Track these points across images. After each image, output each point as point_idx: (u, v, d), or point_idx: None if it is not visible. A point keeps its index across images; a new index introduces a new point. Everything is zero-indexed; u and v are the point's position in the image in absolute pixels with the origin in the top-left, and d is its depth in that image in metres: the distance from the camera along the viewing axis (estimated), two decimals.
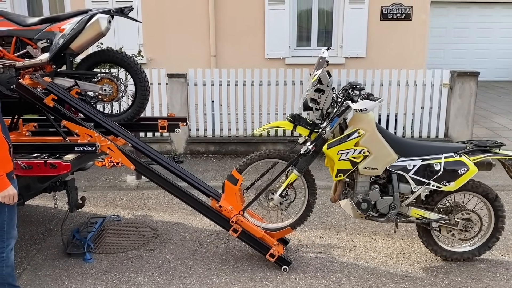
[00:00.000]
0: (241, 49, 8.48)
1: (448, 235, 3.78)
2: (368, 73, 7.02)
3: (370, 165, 3.53)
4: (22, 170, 3.31)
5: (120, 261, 3.88)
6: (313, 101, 3.56)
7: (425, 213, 3.68)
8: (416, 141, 3.97)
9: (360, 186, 3.63)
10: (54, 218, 4.81)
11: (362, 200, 3.59)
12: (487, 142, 3.73)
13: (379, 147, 3.53)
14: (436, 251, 3.81)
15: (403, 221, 3.72)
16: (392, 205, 3.61)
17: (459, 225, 3.71)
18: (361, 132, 3.48)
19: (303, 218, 3.87)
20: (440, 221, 3.71)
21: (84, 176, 5.83)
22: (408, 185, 3.60)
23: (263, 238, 3.71)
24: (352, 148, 3.48)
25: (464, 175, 3.54)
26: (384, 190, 3.66)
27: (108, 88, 3.94)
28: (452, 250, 3.82)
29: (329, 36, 8.78)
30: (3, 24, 3.83)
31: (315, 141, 3.56)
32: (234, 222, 3.64)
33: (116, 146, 3.61)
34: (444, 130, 7.17)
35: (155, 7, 8.42)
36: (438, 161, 3.57)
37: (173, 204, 5.17)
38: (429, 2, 8.56)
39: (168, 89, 7.06)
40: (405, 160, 3.58)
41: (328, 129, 3.53)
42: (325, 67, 3.54)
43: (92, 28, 3.76)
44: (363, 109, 3.37)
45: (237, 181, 3.72)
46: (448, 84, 7.00)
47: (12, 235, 2.92)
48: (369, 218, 3.69)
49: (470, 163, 3.55)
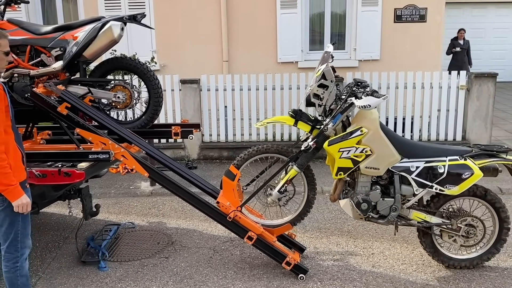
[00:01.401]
0: (254, 54, 8.45)
1: (449, 241, 3.67)
2: (383, 76, 6.92)
3: (372, 164, 3.43)
4: (37, 179, 3.30)
5: (134, 269, 3.84)
6: (316, 97, 3.48)
7: (427, 216, 3.57)
8: (420, 143, 3.87)
9: (361, 186, 3.53)
10: (69, 226, 4.81)
11: (362, 201, 3.50)
12: (494, 146, 3.62)
13: (382, 147, 3.44)
14: (434, 255, 3.70)
15: (404, 224, 3.62)
16: (393, 207, 3.51)
17: (461, 231, 3.60)
18: (364, 131, 3.39)
19: (303, 214, 3.77)
20: (442, 226, 3.60)
21: (98, 183, 5.84)
22: (410, 187, 3.49)
23: (262, 234, 3.63)
24: (354, 146, 3.39)
25: (469, 179, 3.42)
26: (386, 191, 3.56)
27: (122, 95, 3.93)
28: (452, 256, 3.71)
29: (342, 39, 8.69)
30: (18, 33, 3.85)
31: (316, 137, 3.47)
32: (232, 218, 3.57)
33: (129, 154, 3.59)
34: (461, 133, 7.03)
35: (168, 14, 8.44)
36: (442, 164, 3.46)
37: (187, 211, 5.14)
38: (444, 3, 8.44)
39: (181, 95, 7.06)
40: (408, 161, 3.48)
41: (330, 125, 3.43)
42: (330, 62, 3.46)
43: (105, 35, 3.76)
44: (366, 105, 3.27)
45: (235, 176, 3.64)
46: (465, 86, 6.86)
47: (26, 244, 2.90)
48: (369, 220, 3.59)
49: (475, 167, 3.44)
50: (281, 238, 4.00)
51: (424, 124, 7.05)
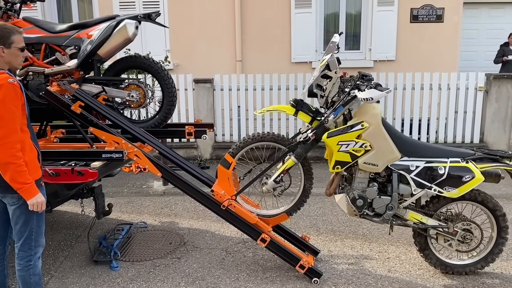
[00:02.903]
0: (267, 54, 8.40)
1: (445, 244, 3.57)
2: (399, 77, 6.82)
3: (370, 160, 3.34)
4: (50, 177, 3.28)
5: (146, 269, 3.82)
6: (319, 87, 3.40)
7: (423, 218, 3.47)
8: (422, 142, 3.78)
9: (358, 181, 3.44)
10: (82, 224, 4.80)
11: (358, 197, 3.41)
12: (498, 151, 3.50)
13: (382, 143, 3.34)
14: (428, 257, 3.61)
15: (399, 224, 3.53)
16: (389, 206, 3.42)
17: (458, 235, 3.50)
18: (365, 125, 3.30)
19: (299, 204, 3.68)
20: (438, 228, 3.50)
21: (111, 182, 5.84)
22: (408, 186, 3.39)
23: (257, 224, 3.56)
24: (353, 140, 3.31)
25: (469, 183, 3.32)
26: (383, 189, 3.48)
27: (136, 94, 3.91)
28: (446, 260, 3.62)
29: (357, 39, 8.60)
30: (33, 31, 3.85)
31: (316, 129, 3.39)
32: (225, 206, 3.52)
33: (143, 153, 3.56)
34: (479, 135, 6.89)
35: (182, 13, 8.43)
36: (443, 165, 3.36)
37: (199, 211, 5.10)
38: (461, 3, 8.31)
39: (195, 94, 7.04)
40: (408, 160, 3.39)
41: (331, 117, 3.34)
42: (335, 53, 3.36)
43: (120, 34, 3.74)
44: (369, 98, 3.17)
45: (230, 165, 3.58)
46: (483, 88, 6.72)
47: (40, 243, 2.88)
48: (364, 217, 3.50)
49: (477, 171, 3.33)
50: (295, 241, 3.94)
51: (441, 126, 6.93)
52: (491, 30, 13.77)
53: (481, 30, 13.76)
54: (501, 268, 3.75)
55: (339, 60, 3.36)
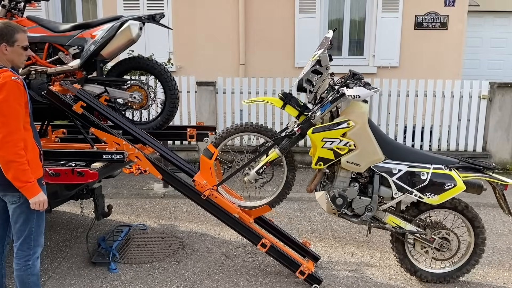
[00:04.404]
0: (271, 58, 8.38)
1: (421, 251, 3.55)
2: (402, 83, 6.80)
3: (353, 160, 3.32)
4: (50, 178, 3.26)
5: (145, 272, 3.78)
6: (308, 82, 3.37)
7: (402, 222, 3.45)
8: (407, 146, 3.77)
9: (339, 180, 3.42)
10: (81, 225, 4.77)
11: (338, 195, 3.38)
12: (482, 162, 3.48)
13: (367, 143, 3.32)
14: (403, 262, 3.59)
15: (377, 227, 3.51)
16: (369, 207, 3.39)
17: (435, 243, 3.48)
18: (351, 124, 3.28)
19: (282, 196, 3.65)
20: (415, 234, 3.48)
21: (111, 183, 5.81)
22: (389, 189, 3.37)
23: (239, 214, 3.55)
24: (338, 138, 3.28)
25: (450, 191, 3.29)
26: (364, 190, 3.46)
27: (138, 96, 3.89)
28: (421, 267, 3.60)
29: (361, 45, 8.58)
30: (36, 30, 3.83)
31: (302, 124, 3.37)
32: (206, 196, 3.49)
33: (143, 155, 3.53)
34: (482, 144, 6.86)
35: (186, 16, 8.43)
36: (425, 171, 3.34)
37: (199, 214, 5.07)
38: (466, 11, 8.28)
39: (197, 97, 7.02)
40: (392, 163, 3.37)
41: (318, 113, 3.32)
42: (327, 49, 3.35)
43: (123, 34, 3.72)
44: (356, 95, 3.16)
45: (212, 155, 3.56)
46: (487, 96, 6.70)
47: (39, 242, 2.86)
48: (342, 216, 3.49)
49: (459, 179, 3.30)
50: (295, 246, 3.91)
51: (443, 134, 6.89)
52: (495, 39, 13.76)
53: (485, 39, 13.75)
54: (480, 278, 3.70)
55: (331, 56, 3.35)
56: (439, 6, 8.15)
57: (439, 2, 8.16)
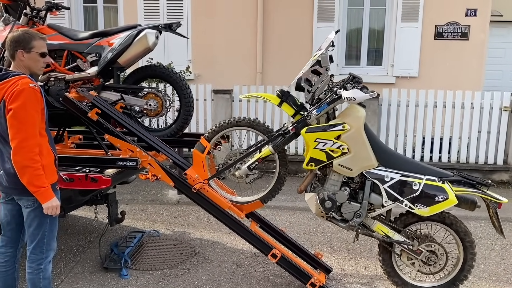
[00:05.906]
0: (288, 66, 8.35)
1: (407, 263, 3.44)
2: (421, 94, 6.70)
3: (346, 163, 3.26)
4: (64, 183, 3.31)
5: (156, 279, 3.79)
6: (307, 82, 3.33)
7: (390, 232, 3.36)
8: (401, 155, 3.69)
9: (330, 183, 3.36)
10: (95, 230, 4.82)
11: (328, 198, 3.31)
12: (477, 178, 3.38)
13: (360, 148, 3.26)
14: (390, 274, 3.49)
15: (365, 234, 3.43)
16: (358, 213, 3.32)
17: (422, 255, 3.38)
18: (346, 127, 3.23)
19: (274, 192, 3.60)
20: (403, 245, 3.38)
21: (127, 188, 5.86)
22: (380, 197, 3.29)
23: (230, 209, 3.52)
24: (331, 140, 3.23)
25: (441, 203, 3.20)
26: (354, 195, 3.39)
27: (153, 103, 3.93)
28: (407, 280, 3.49)
29: (380, 55, 8.50)
30: (56, 38, 3.92)
31: (297, 123, 3.33)
32: (196, 189, 3.47)
33: (156, 162, 3.56)
34: (503, 156, 6.69)
35: (205, 25, 8.51)
36: (418, 181, 3.25)
37: (212, 222, 5.07)
38: (488, 21, 8.12)
39: (213, 105, 7.06)
40: (384, 170, 3.30)
41: (314, 113, 3.28)
42: (330, 50, 3.31)
43: (140, 43, 3.77)
44: (351, 98, 3.12)
45: (205, 149, 3.55)
46: (509, 108, 6.54)
47: (52, 247, 2.90)
48: (330, 220, 3.41)
49: (451, 193, 3.21)
50: (307, 257, 3.86)
51: (463, 146, 6.75)
52: None
53: (508, 49, 13.48)
54: None
55: (331, 57, 3.33)
56: (460, 16, 8.03)
57: (460, 12, 8.03)
